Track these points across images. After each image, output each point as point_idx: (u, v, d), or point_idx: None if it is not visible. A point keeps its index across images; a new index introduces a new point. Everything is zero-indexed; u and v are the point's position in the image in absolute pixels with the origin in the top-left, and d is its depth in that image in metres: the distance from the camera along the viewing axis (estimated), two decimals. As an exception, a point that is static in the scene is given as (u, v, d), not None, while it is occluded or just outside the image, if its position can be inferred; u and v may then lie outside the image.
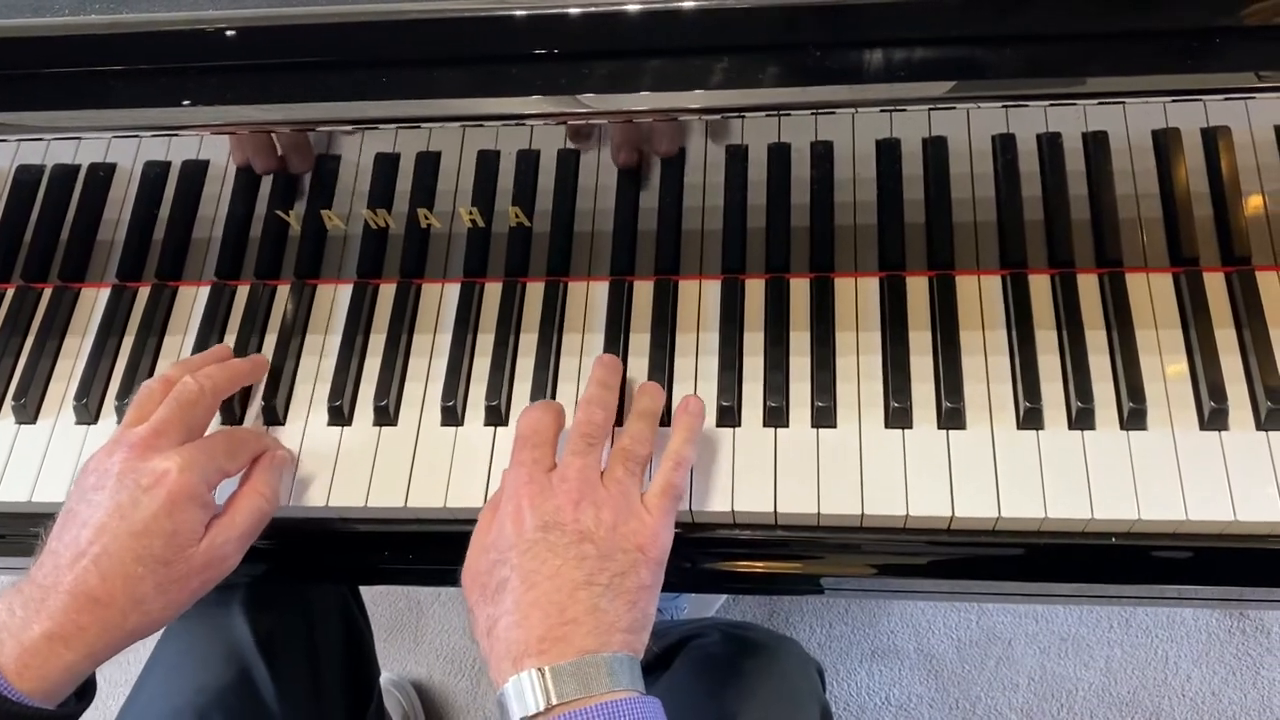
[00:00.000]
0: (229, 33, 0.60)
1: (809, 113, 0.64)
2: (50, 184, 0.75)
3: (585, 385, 0.67)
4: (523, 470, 0.61)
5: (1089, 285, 0.70)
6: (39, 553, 0.60)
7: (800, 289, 0.72)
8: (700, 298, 0.73)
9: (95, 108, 0.63)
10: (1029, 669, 1.42)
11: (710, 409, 0.68)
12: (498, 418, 0.71)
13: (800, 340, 0.70)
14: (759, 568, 0.69)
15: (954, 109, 0.63)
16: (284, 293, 0.77)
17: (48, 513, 0.67)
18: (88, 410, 0.74)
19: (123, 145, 0.72)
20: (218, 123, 0.63)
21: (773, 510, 0.65)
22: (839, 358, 0.69)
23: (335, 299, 0.77)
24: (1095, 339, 0.68)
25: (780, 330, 0.70)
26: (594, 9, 0.58)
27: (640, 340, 0.72)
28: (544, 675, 0.53)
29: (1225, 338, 0.67)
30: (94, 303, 0.79)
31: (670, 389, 0.70)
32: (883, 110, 0.64)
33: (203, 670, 0.78)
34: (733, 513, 0.66)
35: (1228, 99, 0.61)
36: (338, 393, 0.72)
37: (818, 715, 0.80)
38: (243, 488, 0.65)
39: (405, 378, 0.73)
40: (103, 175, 0.74)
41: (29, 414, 0.75)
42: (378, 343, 0.74)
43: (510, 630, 0.56)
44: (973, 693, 1.41)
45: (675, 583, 0.63)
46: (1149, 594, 0.70)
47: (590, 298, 0.74)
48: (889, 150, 0.67)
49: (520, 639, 0.55)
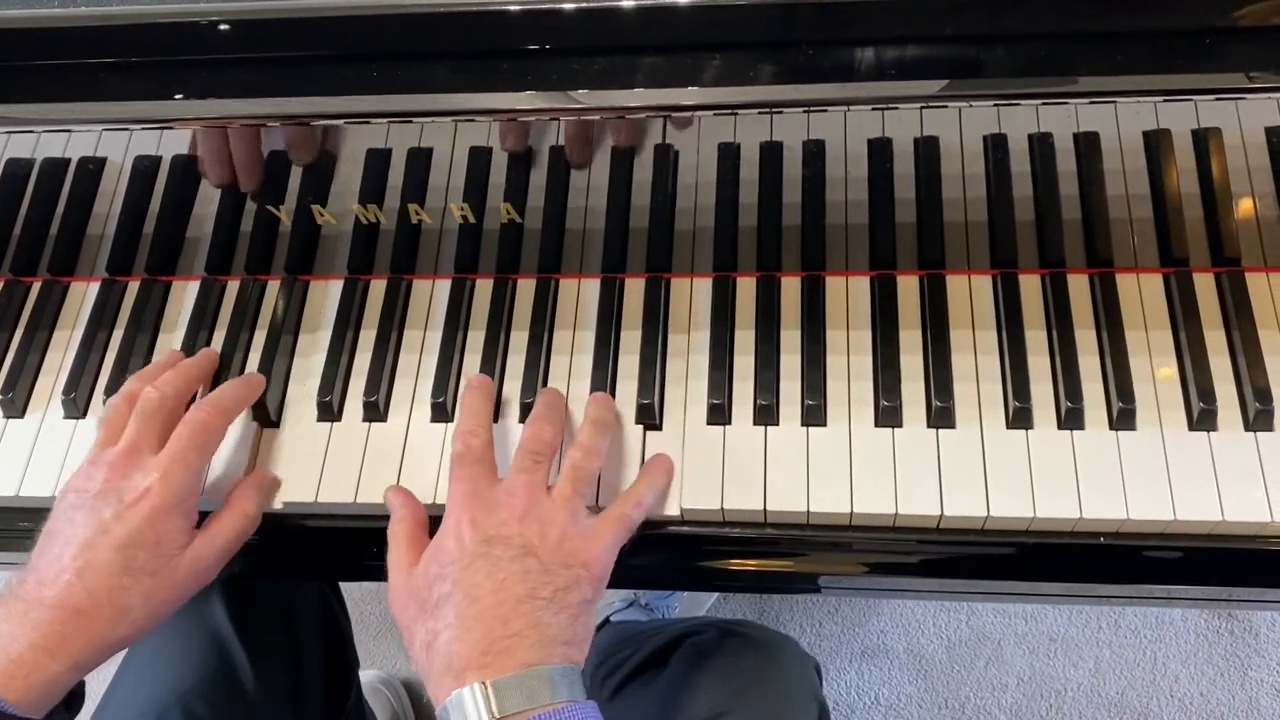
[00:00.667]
0: (221, 26, 0.60)
1: (801, 111, 0.64)
2: (40, 177, 0.74)
3: (572, 385, 0.66)
4: (464, 485, 0.61)
5: (1079, 285, 0.70)
6: (21, 570, 0.60)
7: (791, 287, 0.72)
8: (691, 296, 0.73)
9: (85, 100, 0.63)
10: (1018, 669, 1.42)
11: (701, 407, 0.68)
12: (488, 414, 0.70)
13: (791, 338, 0.70)
14: (749, 566, 0.69)
15: (946, 108, 0.63)
16: (274, 288, 0.77)
17: (35, 507, 0.67)
18: (76, 405, 0.74)
19: (113, 139, 0.72)
20: (209, 116, 0.63)
21: (762, 508, 0.65)
22: (829, 356, 0.69)
23: (326, 294, 0.76)
24: (1085, 339, 0.68)
25: (771, 328, 0.70)
26: (587, 4, 0.58)
27: (631, 338, 0.72)
28: (487, 688, 0.53)
29: (1214, 339, 0.68)
30: (83, 297, 0.79)
31: (661, 386, 0.70)
32: (874, 109, 0.64)
33: (184, 659, 0.79)
34: (722, 510, 0.66)
35: (1219, 100, 0.61)
36: (327, 388, 0.72)
37: (815, 713, 0.80)
38: (227, 506, 0.66)
39: (395, 374, 0.73)
40: (93, 169, 0.74)
41: (17, 408, 0.74)
42: (368, 339, 0.74)
43: (451, 644, 0.55)
44: (962, 693, 1.41)
45: (666, 581, 0.63)
46: (1137, 594, 0.70)
47: (581, 295, 0.74)
48: (880, 149, 0.67)
49: (462, 653, 0.55)
